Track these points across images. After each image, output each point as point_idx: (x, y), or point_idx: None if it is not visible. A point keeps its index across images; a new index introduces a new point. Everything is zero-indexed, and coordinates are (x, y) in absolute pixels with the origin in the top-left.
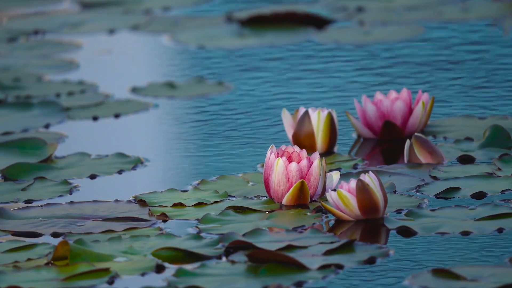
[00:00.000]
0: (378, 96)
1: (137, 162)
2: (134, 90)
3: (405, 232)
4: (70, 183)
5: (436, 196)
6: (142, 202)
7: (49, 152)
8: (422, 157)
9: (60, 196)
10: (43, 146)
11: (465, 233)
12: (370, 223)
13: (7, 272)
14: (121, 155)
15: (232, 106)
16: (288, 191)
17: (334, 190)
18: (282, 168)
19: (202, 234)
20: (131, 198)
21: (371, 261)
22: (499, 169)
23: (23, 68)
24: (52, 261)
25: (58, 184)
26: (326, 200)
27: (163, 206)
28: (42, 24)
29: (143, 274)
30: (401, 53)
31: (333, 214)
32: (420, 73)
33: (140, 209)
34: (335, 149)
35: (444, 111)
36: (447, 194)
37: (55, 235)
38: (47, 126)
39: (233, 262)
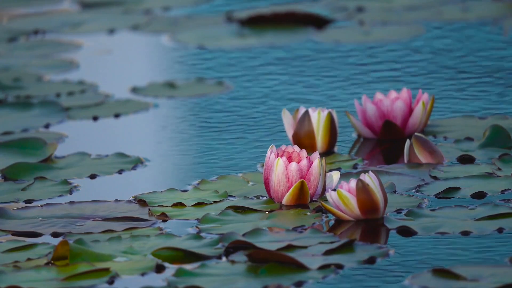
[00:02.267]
0: (378, 96)
1: (137, 162)
2: (134, 90)
3: (405, 232)
4: (70, 183)
5: (436, 196)
6: (142, 202)
7: (49, 152)
8: (422, 157)
9: (60, 196)
10: (43, 146)
11: (465, 233)
12: (370, 223)
13: (7, 272)
14: (121, 155)
15: (232, 106)
16: (288, 191)
17: (334, 190)
18: (282, 168)
19: (202, 234)
20: (131, 198)
21: (371, 261)
22: (499, 169)
23: (23, 68)
24: (52, 261)
25: (58, 184)
26: (326, 200)
27: (163, 206)
28: (42, 24)
29: (143, 274)
30: (401, 53)
31: (333, 214)
32: (420, 73)
33: (140, 209)
34: (335, 149)
35: (444, 111)
36: (447, 194)
37: (55, 235)
38: (47, 126)
39: (233, 262)
